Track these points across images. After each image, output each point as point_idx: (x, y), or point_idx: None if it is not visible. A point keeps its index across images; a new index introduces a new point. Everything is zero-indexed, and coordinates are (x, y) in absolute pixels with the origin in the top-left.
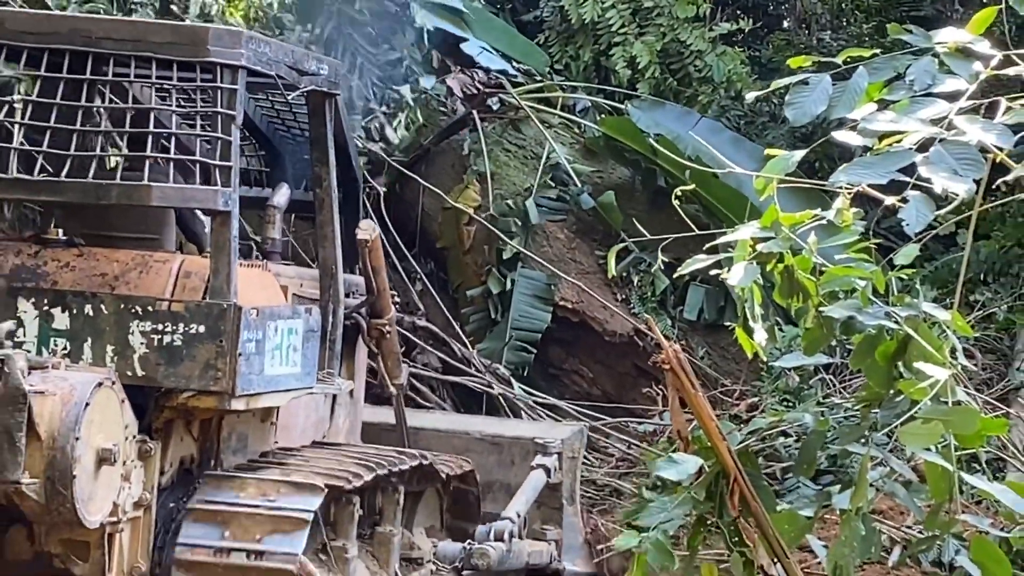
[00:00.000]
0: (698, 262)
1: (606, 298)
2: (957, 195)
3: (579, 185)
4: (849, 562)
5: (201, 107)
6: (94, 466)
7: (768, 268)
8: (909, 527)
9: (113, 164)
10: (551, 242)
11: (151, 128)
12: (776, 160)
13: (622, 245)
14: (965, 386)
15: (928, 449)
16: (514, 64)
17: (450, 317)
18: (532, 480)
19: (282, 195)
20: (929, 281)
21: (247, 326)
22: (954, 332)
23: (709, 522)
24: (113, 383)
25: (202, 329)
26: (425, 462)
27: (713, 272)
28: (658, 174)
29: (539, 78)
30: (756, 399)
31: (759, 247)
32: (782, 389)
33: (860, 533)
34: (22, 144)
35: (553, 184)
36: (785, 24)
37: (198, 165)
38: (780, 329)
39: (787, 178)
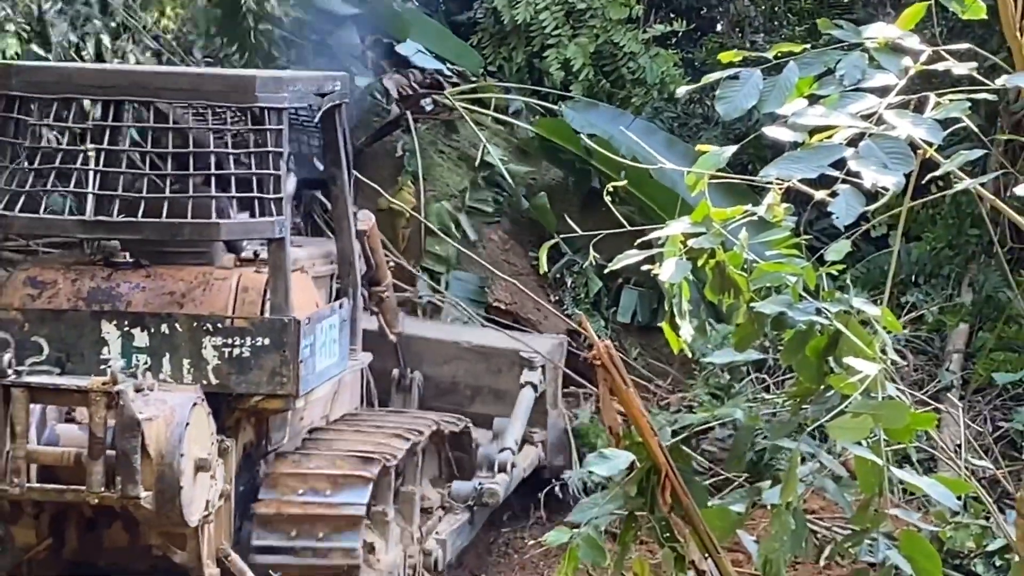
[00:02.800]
0: (629, 258)
1: (540, 299)
2: (887, 189)
3: (513, 187)
4: (779, 556)
5: (254, 148)
6: (193, 475)
7: (699, 264)
8: (841, 526)
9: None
10: (485, 243)
11: (212, 169)
12: (707, 156)
13: (553, 243)
14: (895, 383)
15: (858, 444)
16: (448, 65)
17: None
18: (523, 401)
19: (290, 183)
20: (860, 283)
21: (304, 334)
22: (884, 328)
23: (640, 518)
24: (203, 400)
25: (267, 341)
26: (438, 427)
27: (644, 268)
28: (592, 175)
29: (473, 79)
30: (687, 395)
31: (690, 243)
32: (713, 385)
33: (790, 528)
34: (98, 188)
35: (486, 186)
36: (719, 27)
37: (255, 200)
38: (714, 328)
39: (718, 174)
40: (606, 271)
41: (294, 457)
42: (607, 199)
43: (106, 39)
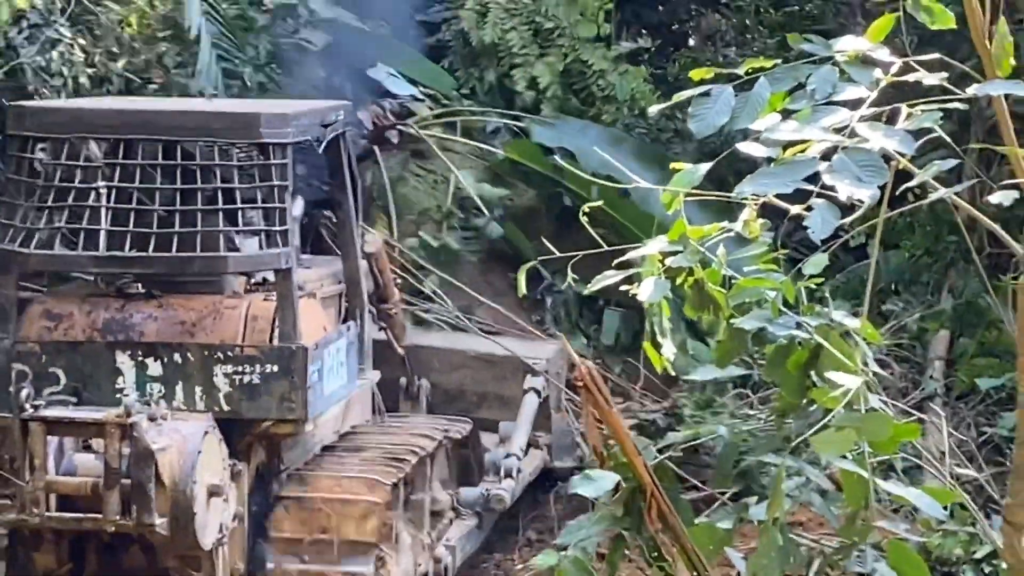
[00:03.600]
0: (607, 279)
1: (522, 320)
2: (862, 202)
3: (487, 213)
4: (768, 573)
5: (260, 183)
6: (207, 500)
7: (678, 282)
8: (829, 539)
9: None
10: (463, 266)
11: (220, 203)
12: (682, 174)
13: (530, 265)
14: (878, 394)
15: (843, 457)
16: (421, 89)
17: None
18: (527, 407)
19: (297, 207)
20: (841, 293)
21: (312, 360)
22: (864, 340)
23: (628, 538)
24: (214, 427)
25: (276, 368)
26: (445, 437)
27: (623, 288)
28: (563, 195)
29: (447, 101)
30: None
31: (668, 261)
32: (698, 403)
33: (778, 543)
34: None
35: (462, 212)
36: (690, 42)
37: (262, 232)
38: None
39: (694, 191)
40: (585, 292)
41: (307, 482)
42: (583, 219)
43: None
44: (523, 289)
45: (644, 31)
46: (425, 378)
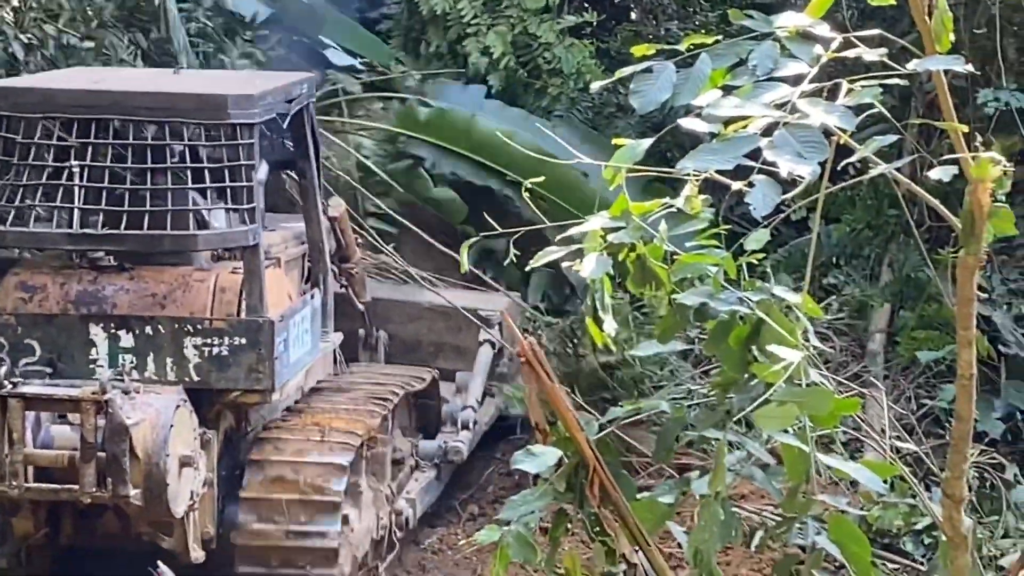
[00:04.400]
0: (550, 254)
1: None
2: (803, 178)
3: (397, 186)
4: (710, 547)
5: (227, 162)
6: (178, 471)
7: (620, 258)
8: (772, 511)
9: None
10: (406, 238)
11: (189, 182)
12: (624, 149)
13: (475, 240)
14: (819, 368)
15: (784, 431)
16: (361, 60)
17: None
18: (482, 358)
19: (262, 171)
20: (783, 267)
21: (278, 332)
22: (805, 315)
23: (570, 513)
24: (185, 400)
25: (244, 341)
26: (407, 390)
27: (565, 265)
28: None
29: (385, 71)
30: None
31: (610, 237)
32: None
33: (720, 518)
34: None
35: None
36: (632, 15)
37: (230, 210)
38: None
39: (636, 167)
40: (527, 268)
41: (275, 444)
42: (525, 195)
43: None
44: (466, 265)
45: (587, 5)
46: (383, 329)
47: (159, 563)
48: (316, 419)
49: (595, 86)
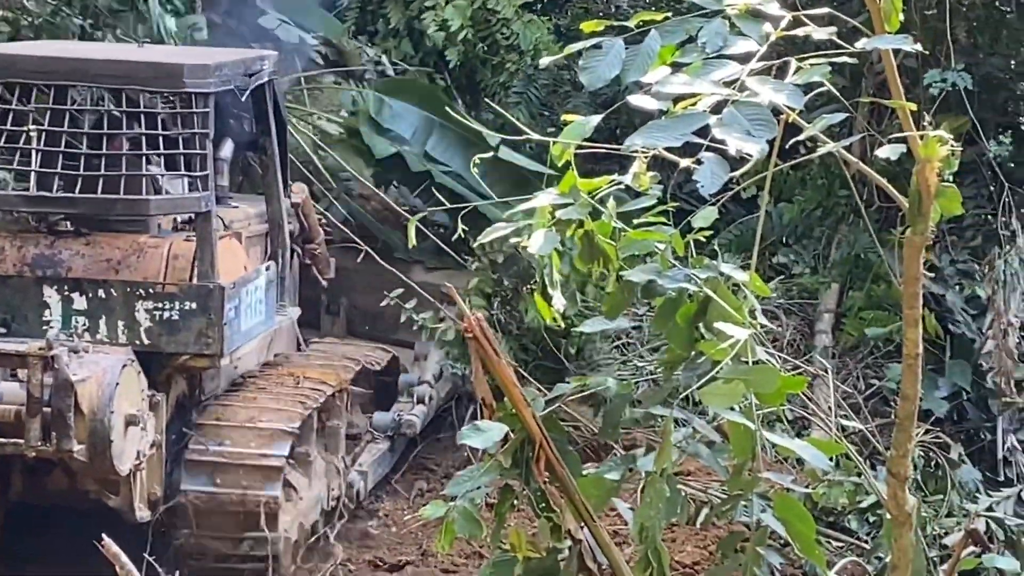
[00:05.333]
0: (498, 230)
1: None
2: (751, 156)
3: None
4: (655, 523)
5: (183, 130)
6: (124, 429)
7: (568, 234)
8: (718, 490)
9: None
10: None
11: (144, 149)
12: (573, 126)
13: (421, 216)
14: (766, 347)
15: (730, 409)
16: (312, 35)
17: None
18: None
19: (227, 148)
20: (733, 246)
21: (229, 298)
22: (753, 293)
23: (516, 489)
24: (133, 360)
25: (195, 306)
26: (364, 367)
27: (513, 241)
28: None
29: (335, 46)
30: None
31: (558, 214)
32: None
33: (665, 495)
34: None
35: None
36: None
37: (183, 176)
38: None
39: (585, 143)
40: (475, 244)
41: (222, 411)
42: (474, 170)
43: None
44: (413, 240)
45: None
46: (346, 297)
47: (103, 536)
48: (269, 387)
49: (544, 61)
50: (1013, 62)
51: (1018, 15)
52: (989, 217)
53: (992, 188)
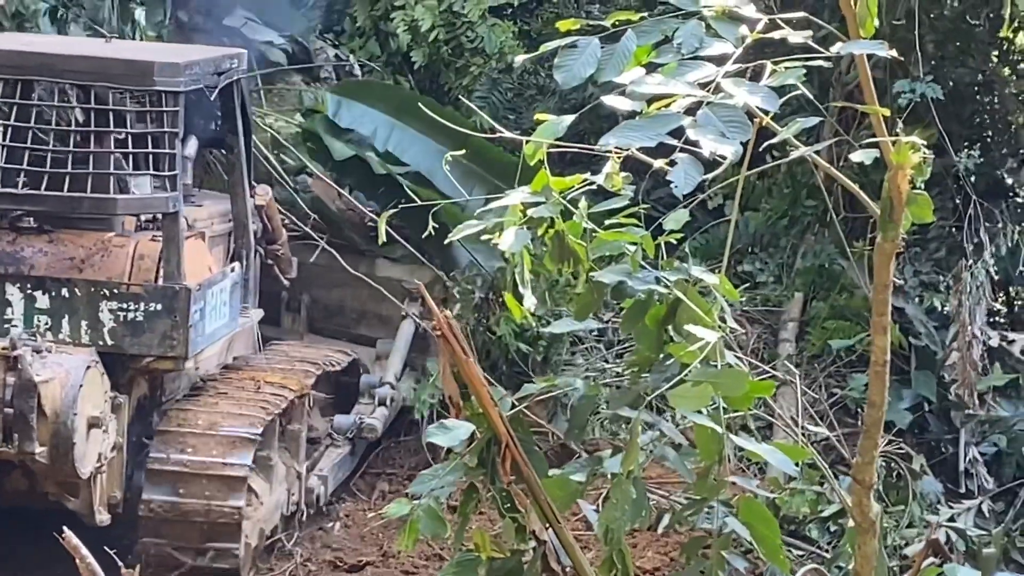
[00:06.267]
0: (470, 228)
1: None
2: (724, 157)
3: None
4: (620, 526)
5: (151, 128)
6: (86, 431)
7: (539, 233)
8: (680, 495)
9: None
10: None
11: (112, 148)
12: (546, 125)
13: (392, 211)
14: (734, 351)
15: (698, 412)
16: (280, 33)
17: None
18: (403, 334)
19: (191, 147)
20: (699, 253)
21: (195, 300)
22: (723, 296)
23: (481, 488)
24: (97, 362)
25: (159, 307)
26: (325, 370)
27: (485, 238)
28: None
29: (303, 44)
30: None
31: (529, 212)
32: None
33: (631, 497)
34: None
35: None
36: None
37: (151, 176)
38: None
39: (557, 143)
40: (446, 242)
41: (184, 415)
42: (445, 168)
43: None
44: (383, 236)
45: None
46: (307, 293)
47: (64, 528)
48: (230, 392)
49: (518, 60)
50: (980, 75)
51: (986, 28)
52: (953, 229)
53: (957, 200)
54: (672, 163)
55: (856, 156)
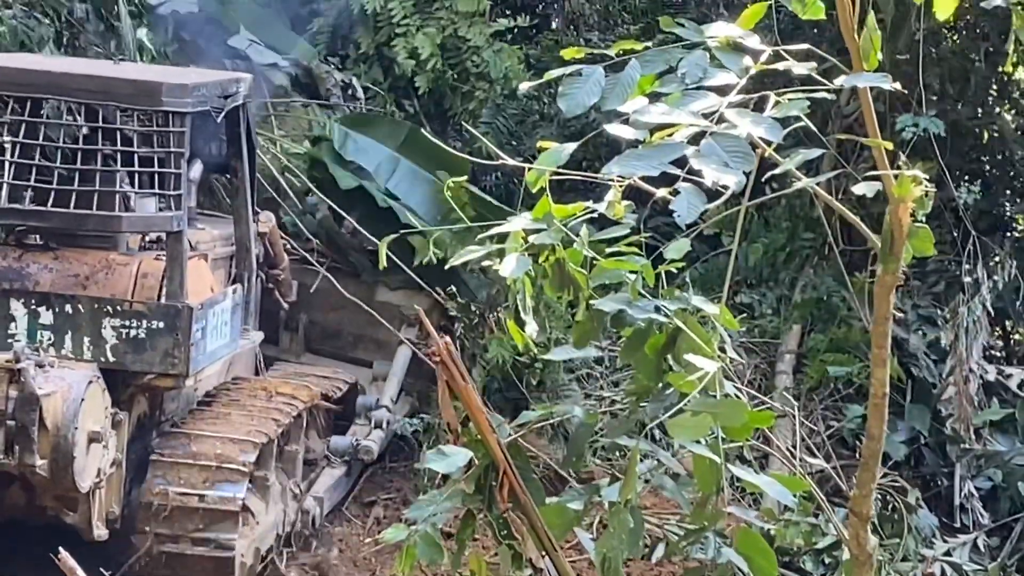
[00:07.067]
0: (471, 253)
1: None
2: (726, 188)
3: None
4: (617, 554)
5: (158, 148)
6: (87, 446)
7: (540, 260)
8: (675, 524)
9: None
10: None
11: (119, 167)
12: (548, 153)
13: (393, 237)
14: (733, 381)
15: (697, 442)
16: (284, 56)
17: None
18: (400, 358)
19: (195, 170)
20: (697, 284)
21: (196, 319)
22: (723, 326)
23: (478, 515)
24: (99, 377)
25: (162, 325)
26: (321, 396)
27: (485, 264)
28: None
29: (308, 68)
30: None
31: (531, 239)
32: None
33: (629, 526)
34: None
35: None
36: (554, 24)
37: (156, 195)
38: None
39: (560, 170)
40: (447, 265)
41: (182, 442)
42: (447, 194)
43: None
44: (384, 262)
45: (509, 12)
46: (305, 314)
47: (60, 549)
48: (229, 411)
49: (523, 87)
50: (981, 110)
51: (986, 63)
52: (952, 264)
53: (956, 234)
54: (675, 192)
55: (859, 188)
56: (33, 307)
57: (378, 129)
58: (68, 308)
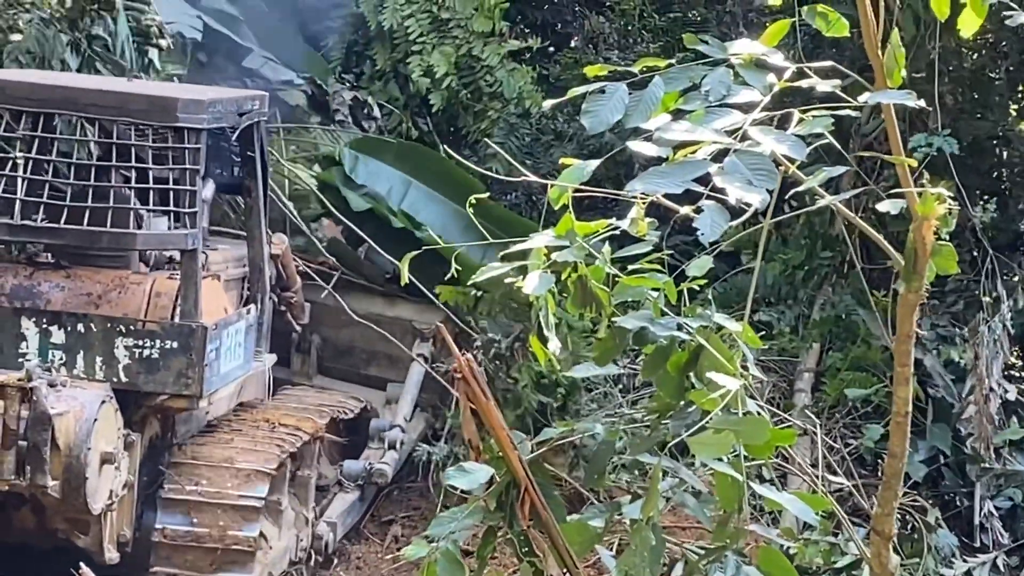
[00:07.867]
0: (493, 270)
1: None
2: (751, 205)
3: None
4: (640, 572)
5: (173, 164)
6: (99, 467)
7: (562, 278)
8: (692, 543)
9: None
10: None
11: (134, 184)
12: (571, 170)
13: (416, 254)
14: (755, 399)
15: (719, 459)
16: (299, 74)
17: None
18: (413, 375)
19: (208, 189)
20: (717, 301)
21: (210, 339)
22: (745, 344)
23: (499, 532)
24: (111, 397)
25: (175, 345)
26: (332, 416)
27: (508, 281)
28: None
29: (322, 86)
30: None
31: (553, 256)
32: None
33: (651, 543)
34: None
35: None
36: (573, 43)
37: (171, 212)
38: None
39: (582, 187)
40: (469, 283)
41: (195, 471)
42: (469, 211)
43: None
44: (406, 278)
45: (527, 30)
46: (316, 333)
47: (81, 564)
48: (242, 436)
49: (546, 104)
50: (999, 128)
51: (1005, 81)
52: (971, 283)
53: (975, 254)
54: (698, 210)
55: (883, 206)
56: (44, 326)
57: (388, 153)
58: (80, 327)
